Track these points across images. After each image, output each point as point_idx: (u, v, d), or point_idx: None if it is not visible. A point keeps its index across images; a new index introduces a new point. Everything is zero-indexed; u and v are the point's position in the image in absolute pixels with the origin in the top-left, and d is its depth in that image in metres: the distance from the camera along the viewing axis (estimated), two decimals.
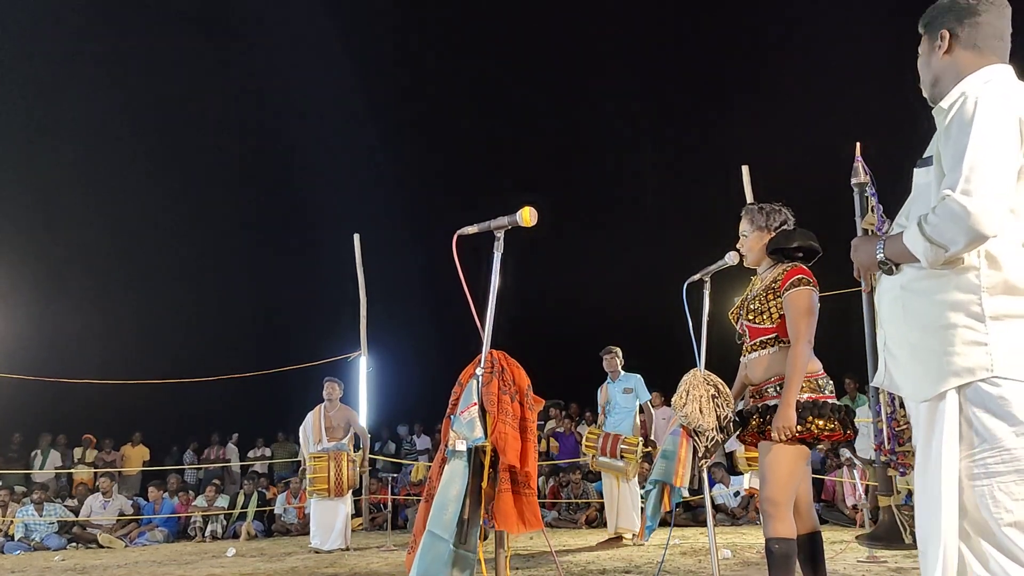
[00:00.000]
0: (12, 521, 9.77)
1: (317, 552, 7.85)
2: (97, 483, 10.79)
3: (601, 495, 8.73)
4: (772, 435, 3.12)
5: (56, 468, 11.97)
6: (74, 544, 9.64)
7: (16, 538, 9.56)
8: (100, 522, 10.12)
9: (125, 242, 16.55)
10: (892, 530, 4.96)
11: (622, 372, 7.90)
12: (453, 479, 2.51)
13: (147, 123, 16.57)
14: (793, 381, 3.14)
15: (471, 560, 2.52)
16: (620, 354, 7.93)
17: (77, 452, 12.55)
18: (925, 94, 2.16)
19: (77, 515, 10.18)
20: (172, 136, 16.75)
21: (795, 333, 3.20)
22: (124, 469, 12.40)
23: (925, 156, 2.03)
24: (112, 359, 13.06)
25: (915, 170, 2.05)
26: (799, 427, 3.11)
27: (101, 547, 9.56)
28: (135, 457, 12.77)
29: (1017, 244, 1.86)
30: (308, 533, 8.50)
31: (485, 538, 2.69)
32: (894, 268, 2.00)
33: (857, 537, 5.89)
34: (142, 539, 9.99)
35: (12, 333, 12.19)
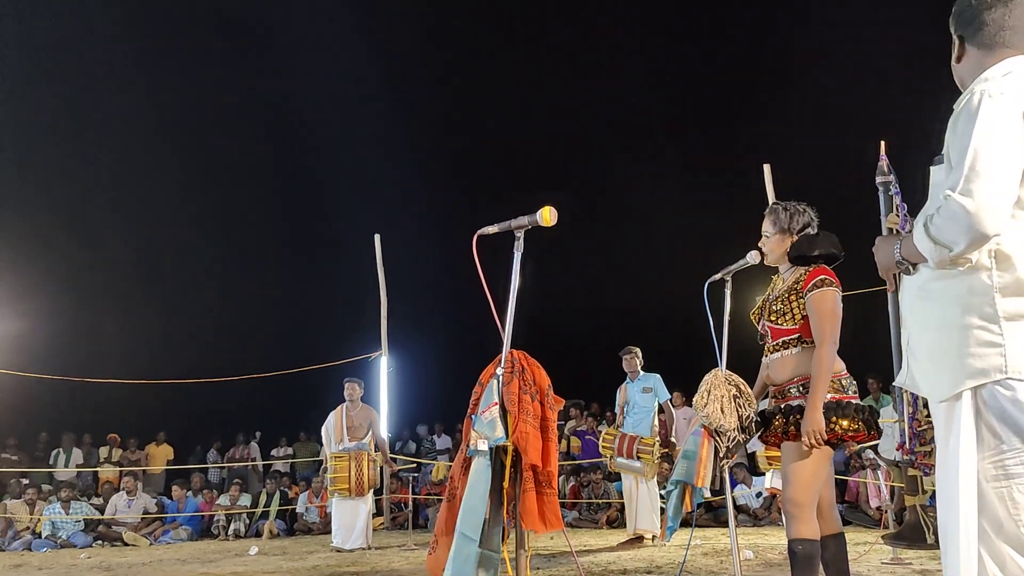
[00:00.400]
0: (39, 519, 9.92)
1: (339, 551, 7.89)
2: (122, 482, 10.92)
3: (622, 495, 8.72)
4: (803, 440, 3.10)
5: (78, 466, 12.11)
6: (100, 542, 9.77)
7: (43, 536, 9.70)
8: (125, 520, 10.25)
9: (149, 244, 16.76)
10: (917, 530, 4.92)
11: (641, 372, 7.88)
12: (479, 479, 2.52)
13: (170, 125, 16.74)
14: (819, 384, 3.11)
15: (495, 560, 2.53)
16: (639, 354, 7.91)
17: (103, 451, 12.71)
18: None
19: (103, 513, 10.31)
20: (196, 137, 16.91)
21: (820, 335, 3.17)
22: (148, 468, 12.54)
23: (941, 153, 2.01)
24: (137, 359, 13.22)
25: (931, 168, 2.04)
26: (824, 428, 3.08)
27: (126, 545, 9.69)
28: (159, 456, 12.91)
29: None
30: (330, 532, 8.55)
31: (507, 538, 2.70)
32: (911, 268, 1.98)
33: (882, 537, 5.84)
34: (166, 537, 10.11)
35: (38, 334, 12.40)
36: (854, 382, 3.29)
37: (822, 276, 3.24)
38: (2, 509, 9.97)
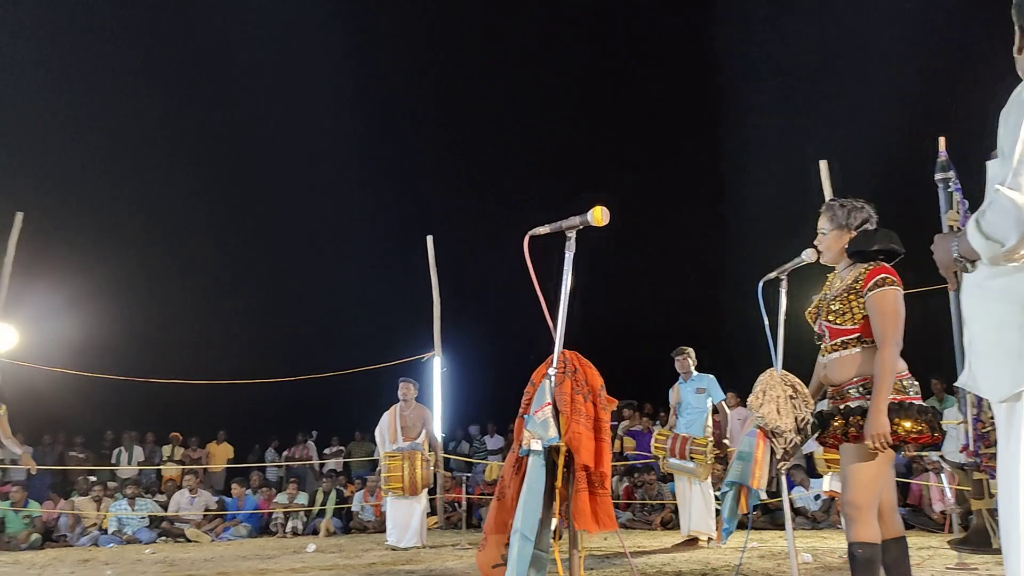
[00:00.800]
0: (106, 515, 10.26)
1: (393, 549, 7.99)
2: (184, 480, 11.22)
3: (675, 496, 8.65)
4: (867, 444, 3.04)
5: (139, 464, 12.48)
6: (164, 538, 10.06)
7: (110, 531, 10.02)
8: (188, 517, 10.54)
9: (211, 248, 17.16)
10: (983, 535, 4.78)
11: (694, 372, 7.80)
12: (536, 478, 2.53)
13: (228, 127, 17.13)
14: (883, 386, 3.04)
15: (545, 560, 2.55)
16: (692, 354, 7.83)
17: (165, 450, 13.09)
18: None
19: (166, 510, 10.62)
20: (254, 142, 17.28)
21: (882, 336, 3.10)
22: (209, 466, 12.87)
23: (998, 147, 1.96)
24: (198, 360, 13.54)
25: (987, 163, 1.99)
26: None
27: (189, 541, 9.96)
28: (220, 455, 13.24)
29: None
30: (385, 530, 8.66)
31: (559, 538, 2.71)
32: (969, 266, 1.94)
33: (949, 542, 5.70)
34: (227, 534, 10.36)
35: (105, 336, 12.83)
36: (916, 383, 3.22)
37: (883, 274, 3.16)
38: (70, 505, 10.34)
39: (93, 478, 11.19)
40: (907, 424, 3.03)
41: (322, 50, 17.05)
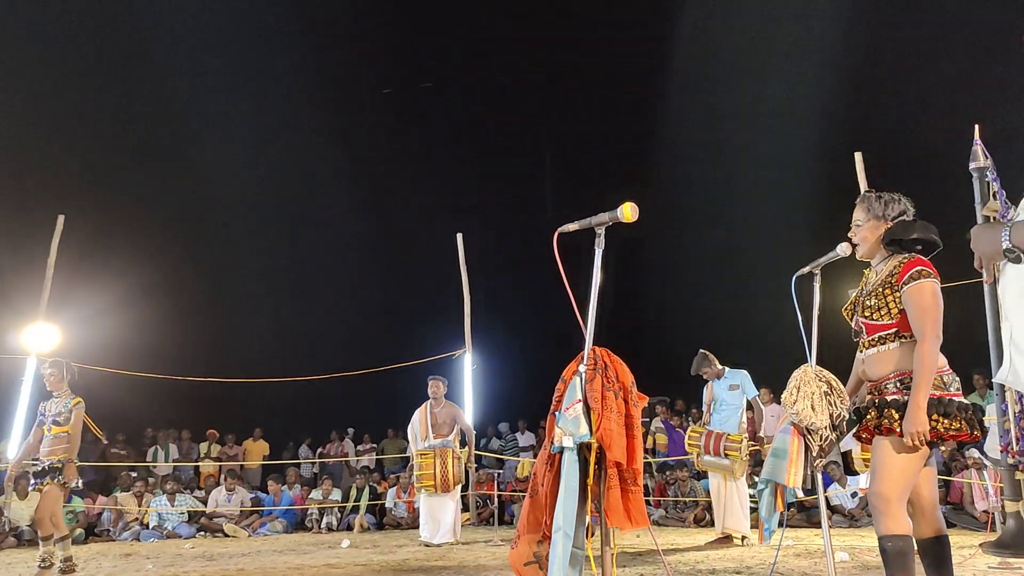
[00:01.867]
0: (147, 511, 10.44)
1: (427, 545, 8.03)
2: (222, 477, 11.39)
3: (708, 493, 8.57)
4: (906, 440, 2.98)
5: (175, 461, 12.67)
6: (202, 533, 10.22)
7: (151, 526, 10.21)
8: (224, 512, 10.69)
9: (246, 250, 17.39)
10: (1020, 536, 4.65)
11: (727, 369, 7.72)
12: (571, 474, 2.53)
13: (262, 135, 17.35)
14: (923, 382, 2.97)
15: (580, 556, 2.53)
16: (711, 357, 7.73)
17: (203, 447, 13.29)
18: None
19: (205, 506, 10.78)
20: (287, 139, 17.46)
21: (920, 329, 3.03)
22: (245, 463, 13.04)
23: None
24: (235, 359, 13.73)
25: None
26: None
27: (227, 536, 10.10)
28: (256, 451, 13.41)
29: None
30: (418, 527, 8.71)
31: (592, 535, 2.69)
32: (1022, 256, 1.88)
33: (981, 544, 5.56)
34: (263, 529, 10.49)
35: (145, 336, 13.05)
36: (957, 379, 3.13)
37: (919, 267, 3.08)
38: (113, 501, 10.55)
39: (134, 474, 11.40)
40: (947, 421, 2.96)
41: (354, 44, 17.18)
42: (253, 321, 16.33)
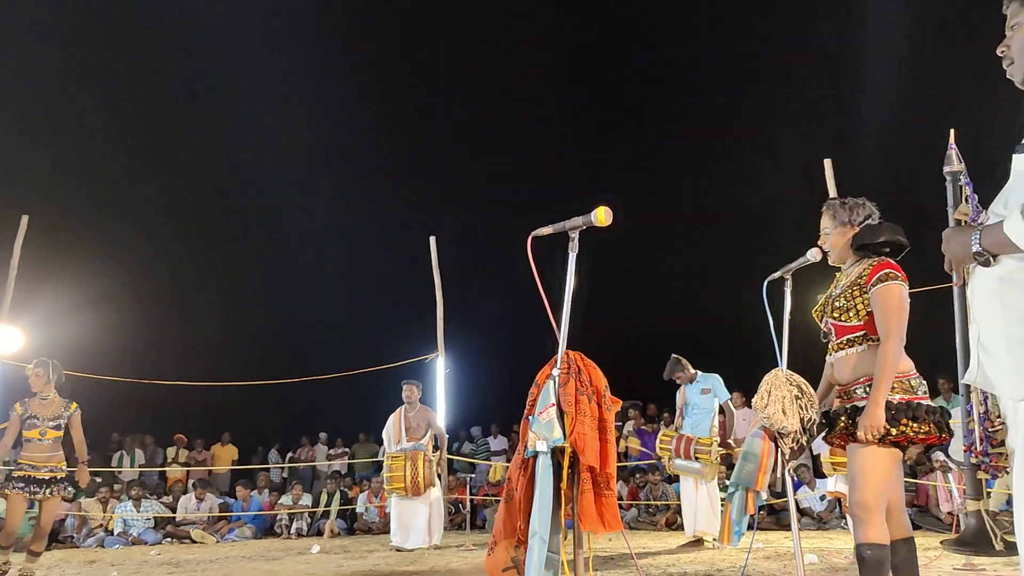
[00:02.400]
0: (112, 517, 10.26)
1: (398, 550, 7.99)
2: (190, 483, 11.25)
3: (679, 497, 8.62)
4: (859, 435, 3.02)
5: (141, 467, 12.49)
6: (169, 539, 10.06)
7: (115, 533, 10.03)
8: (193, 518, 10.54)
9: (212, 250, 17.20)
10: (981, 536, 4.73)
11: (699, 373, 7.79)
12: (544, 479, 2.53)
13: (230, 130, 17.16)
14: (883, 380, 3.02)
15: (555, 560, 2.53)
16: (684, 361, 7.80)
17: (170, 451, 13.10)
18: (1018, 73, 2.02)
19: (173, 512, 10.63)
20: (254, 142, 17.30)
21: (885, 330, 3.08)
22: (214, 468, 12.87)
23: None
24: (202, 363, 13.56)
25: (1015, 156, 1.95)
26: (893, 430, 3.00)
27: (194, 542, 9.96)
28: (224, 456, 13.25)
29: None
30: (389, 532, 8.66)
31: (566, 539, 2.69)
32: (992, 260, 1.90)
33: (942, 542, 5.65)
34: (232, 535, 10.36)
35: (110, 339, 12.84)
36: (924, 383, 3.18)
37: (887, 270, 3.14)
38: (77, 507, 10.34)
39: (99, 479, 11.19)
40: (915, 425, 3.01)
41: (321, 50, 17.09)
42: (223, 324, 16.14)
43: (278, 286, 17.36)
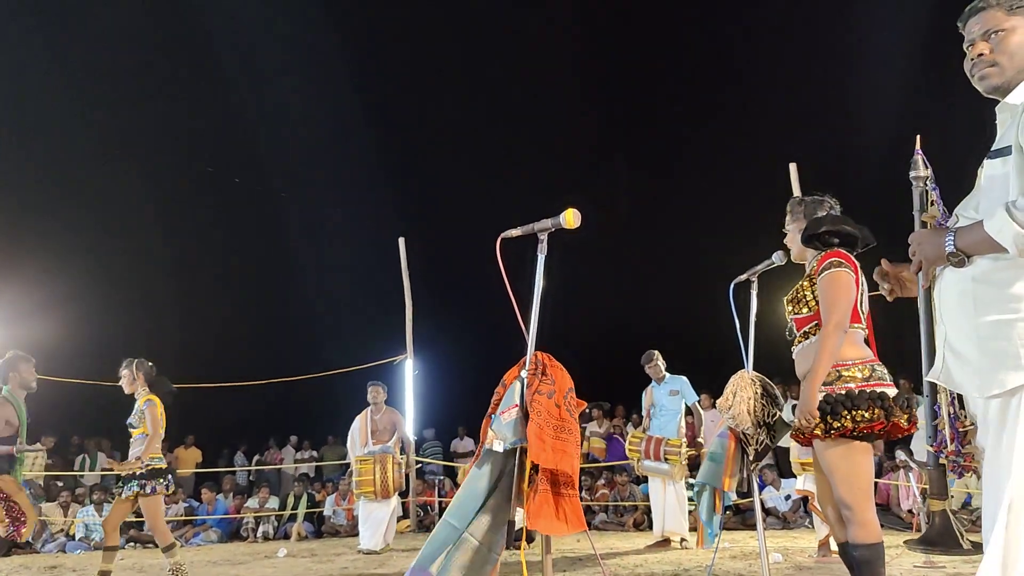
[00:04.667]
0: (73, 521, 10.06)
1: (366, 553, 7.93)
2: None
3: (647, 497, 8.66)
4: (794, 423, 3.04)
5: (103, 470, 12.27)
6: (132, 544, 9.88)
7: (77, 538, 9.83)
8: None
9: (179, 250, 16.95)
10: (946, 534, 4.79)
11: (667, 374, 7.83)
12: (481, 475, 2.52)
13: (199, 136, 16.96)
14: (818, 366, 2.99)
15: (490, 559, 2.50)
16: (660, 358, 7.85)
17: None
18: (999, 77, 2.05)
19: (138, 515, 10.43)
20: (227, 148, 17.10)
21: (825, 316, 3.06)
22: (178, 471, 12.67)
23: (999, 147, 1.96)
24: (164, 364, 13.33)
25: (987, 161, 1.98)
26: (835, 422, 2.95)
27: (158, 547, 9.78)
28: (188, 459, 13.04)
29: None
30: (357, 534, 8.59)
31: (531, 540, 2.68)
32: (966, 260, 1.94)
33: (906, 542, 5.72)
34: (197, 539, 10.21)
35: (73, 341, 12.57)
36: (884, 369, 3.13)
37: (832, 259, 3.14)
38: (37, 511, 10.11)
39: (60, 483, 10.96)
40: (858, 413, 2.95)
41: (297, 53, 16.95)
42: (188, 326, 15.89)
43: (245, 287, 17.14)
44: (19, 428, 5.63)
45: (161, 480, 5.94)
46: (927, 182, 2.97)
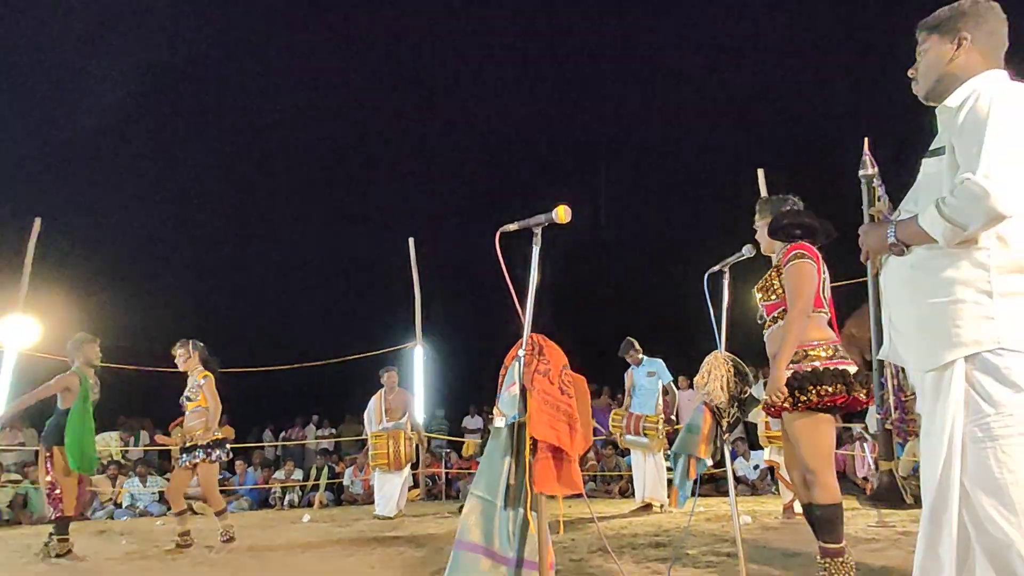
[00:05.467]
0: (120, 491, 10.06)
1: (381, 518, 7.93)
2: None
3: (631, 468, 8.69)
4: (764, 398, 3.06)
5: (145, 447, 12.25)
6: (169, 511, 9.86)
7: (124, 506, 9.84)
8: (193, 492, 10.35)
9: (218, 247, 16.90)
10: (892, 491, 4.84)
11: (645, 358, 7.88)
12: (496, 449, 2.52)
13: (224, 134, 16.86)
14: (784, 347, 3.02)
15: (518, 519, 2.51)
16: (636, 344, 7.90)
17: (176, 433, 12.83)
18: (921, 90, 2.08)
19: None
20: (254, 146, 17.03)
21: (790, 302, 3.09)
22: None
23: (934, 148, 1.98)
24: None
25: (924, 160, 2.00)
26: (802, 396, 2.98)
27: (195, 513, 9.77)
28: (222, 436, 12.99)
29: (1023, 229, 1.81)
30: (372, 502, 8.60)
31: (535, 505, 2.67)
32: (905, 249, 1.95)
33: (857, 497, 5.76)
34: (230, 507, 10.14)
35: (118, 329, 12.53)
36: (840, 349, 3.17)
37: (796, 251, 3.16)
38: (88, 483, 10.11)
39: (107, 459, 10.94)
40: (823, 388, 2.98)
41: (306, 54, 16.84)
42: (221, 317, 15.87)
43: (274, 285, 17.14)
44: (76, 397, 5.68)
45: (221, 450, 5.96)
46: (875, 180, 2.97)
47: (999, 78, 1.92)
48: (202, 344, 6.22)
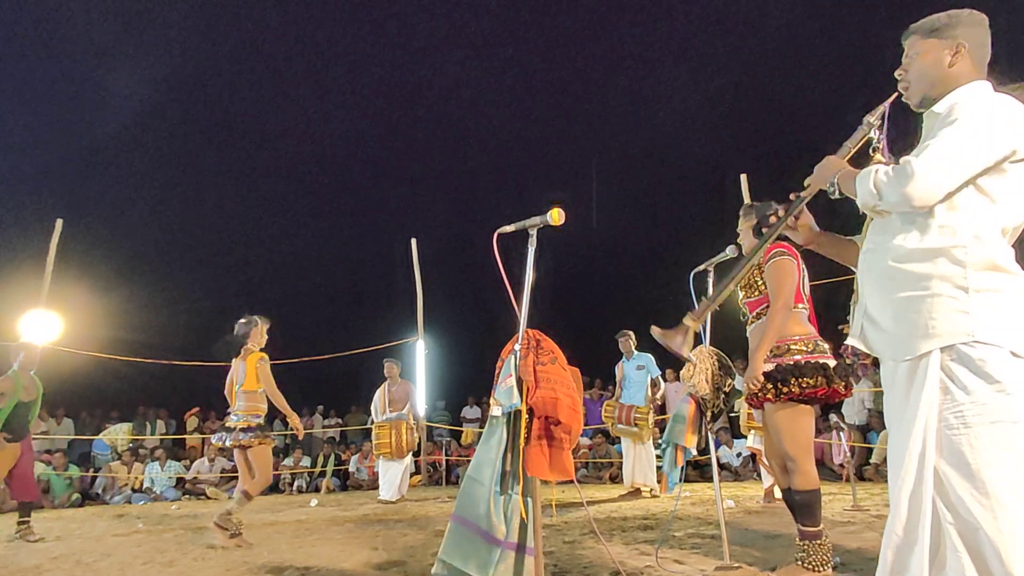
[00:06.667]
0: (138, 476, 10.04)
1: (384, 503, 7.92)
2: (205, 448, 11.04)
3: (621, 455, 8.69)
4: (743, 387, 3.06)
5: (161, 435, 12.22)
6: (187, 496, 9.86)
7: (143, 489, 9.82)
8: (206, 478, 10.34)
9: (234, 247, 16.85)
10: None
11: (635, 351, 7.88)
12: (491, 436, 2.51)
13: (236, 137, 16.82)
14: (764, 339, 3.02)
15: (511, 503, 2.49)
16: (633, 336, 7.91)
17: (190, 423, 12.83)
18: (915, 95, 2.04)
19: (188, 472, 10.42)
20: (265, 149, 16.98)
21: (773, 298, 3.11)
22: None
23: (919, 149, 1.97)
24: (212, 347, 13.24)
25: (904, 159, 1.99)
26: (784, 388, 2.99)
27: (208, 498, 9.77)
28: None
29: (998, 229, 1.81)
30: (377, 488, 8.59)
31: (527, 490, 2.66)
32: (837, 192, 2.01)
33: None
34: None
35: (137, 325, 12.51)
36: (825, 344, 3.17)
37: (777, 249, 3.18)
38: (107, 469, 10.10)
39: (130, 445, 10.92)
40: (804, 380, 2.99)
41: (313, 64, 16.79)
42: (234, 314, 15.82)
43: (284, 284, 17.10)
44: None
45: (270, 431, 5.85)
46: (873, 129, 2.93)
47: (984, 89, 1.91)
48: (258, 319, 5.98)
